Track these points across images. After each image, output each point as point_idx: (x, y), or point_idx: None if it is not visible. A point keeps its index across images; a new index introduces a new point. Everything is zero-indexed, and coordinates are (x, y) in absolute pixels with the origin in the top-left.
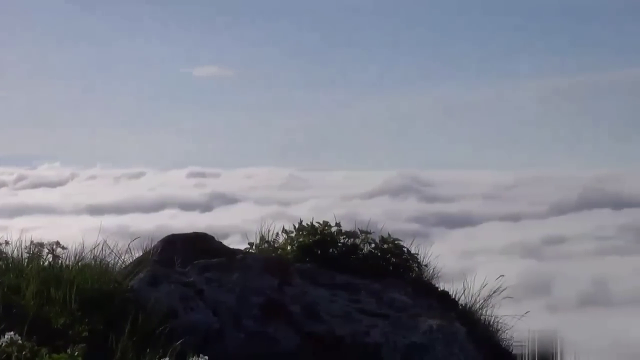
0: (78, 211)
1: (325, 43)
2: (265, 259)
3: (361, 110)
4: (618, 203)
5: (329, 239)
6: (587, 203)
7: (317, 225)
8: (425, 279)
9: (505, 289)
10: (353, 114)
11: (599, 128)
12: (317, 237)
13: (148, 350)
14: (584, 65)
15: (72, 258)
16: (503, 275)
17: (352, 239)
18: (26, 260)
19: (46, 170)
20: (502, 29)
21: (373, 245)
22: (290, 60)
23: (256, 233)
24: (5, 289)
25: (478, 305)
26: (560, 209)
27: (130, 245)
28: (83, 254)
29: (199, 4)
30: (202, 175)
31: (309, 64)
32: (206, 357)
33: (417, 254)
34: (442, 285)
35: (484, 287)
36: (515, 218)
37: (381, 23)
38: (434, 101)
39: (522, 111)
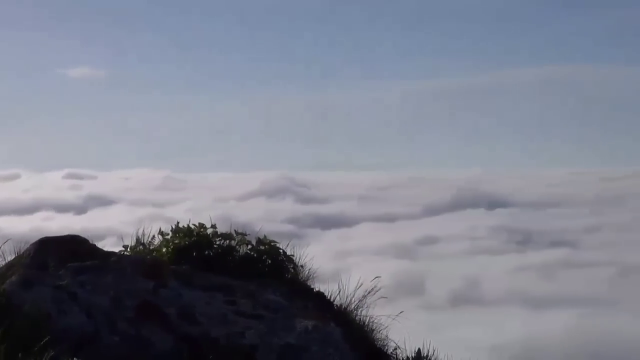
0: None
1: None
2: (141, 261)
3: (238, 112)
4: (491, 203)
5: (204, 240)
6: (460, 203)
7: (193, 227)
8: (301, 280)
9: (380, 289)
10: (229, 116)
11: (473, 129)
12: (193, 239)
13: (21, 355)
14: (461, 67)
15: None
16: (379, 277)
17: (228, 241)
18: None
19: None
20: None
21: (249, 246)
22: (164, 61)
23: (132, 235)
24: None
25: (353, 306)
26: (434, 210)
27: (2, 248)
28: None
29: (76, 5)
30: (78, 177)
31: (185, 66)
32: None
33: (293, 255)
34: (317, 286)
35: (359, 287)
36: (389, 219)
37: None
38: (308, 104)
39: (396, 112)
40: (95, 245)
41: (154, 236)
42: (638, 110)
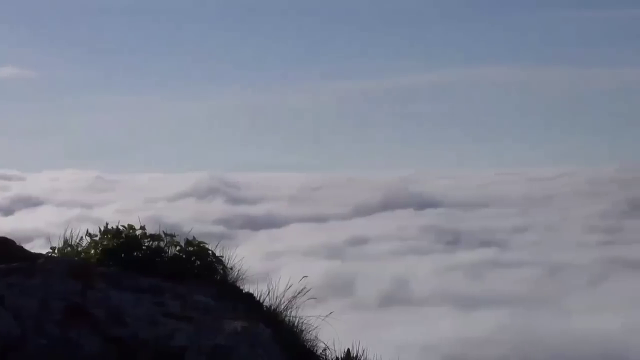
0: None
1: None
2: (68, 263)
3: (169, 112)
4: (421, 204)
5: (133, 242)
6: (390, 204)
7: (122, 228)
8: (231, 281)
9: (310, 289)
10: (160, 117)
11: (404, 130)
12: (122, 240)
13: None
14: (395, 68)
15: None
16: (306, 276)
17: (157, 242)
18: None
19: None
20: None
21: (178, 248)
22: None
23: (60, 237)
24: None
25: (283, 307)
26: (364, 210)
27: None
28: None
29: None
30: (5, 178)
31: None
32: None
33: (223, 257)
34: (247, 287)
35: (288, 288)
36: (320, 219)
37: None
38: (239, 104)
39: (327, 113)
40: (22, 247)
41: (82, 238)
42: (567, 111)
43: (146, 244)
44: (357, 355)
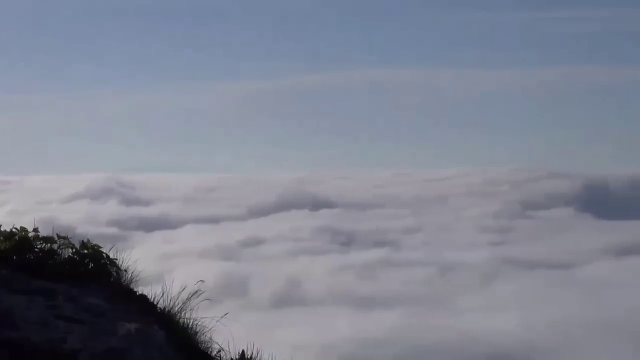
0: None
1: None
2: None
3: (63, 112)
4: (316, 204)
5: (26, 244)
6: (285, 205)
7: (14, 230)
8: (125, 283)
9: (205, 291)
10: (53, 117)
11: (300, 131)
12: (14, 242)
13: None
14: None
15: None
16: (203, 281)
17: (49, 244)
18: None
19: None
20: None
21: (72, 250)
22: None
23: None
24: None
25: (177, 309)
26: (259, 211)
27: None
28: None
29: None
30: None
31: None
32: None
33: (116, 259)
34: (141, 289)
35: (183, 289)
36: (214, 220)
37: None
38: (136, 105)
39: (222, 114)
40: None
41: None
42: (462, 112)
43: (39, 246)
44: (251, 356)
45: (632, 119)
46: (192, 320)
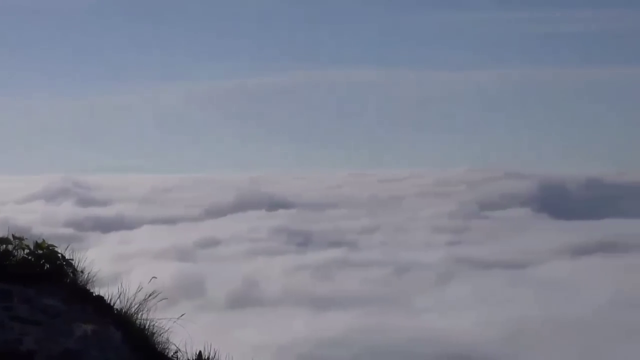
0: None
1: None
2: None
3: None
4: (272, 204)
5: None
6: (242, 205)
7: None
8: (81, 284)
9: (161, 292)
10: (6, 118)
11: (257, 131)
12: None
13: None
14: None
15: None
16: (155, 277)
17: (4, 246)
18: None
19: None
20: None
21: (27, 251)
22: None
23: None
24: None
25: (134, 310)
26: (216, 212)
27: None
28: None
29: None
30: None
31: None
32: None
33: (72, 260)
34: (97, 290)
35: (139, 290)
36: (171, 221)
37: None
38: (92, 105)
39: (179, 114)
40: None
41: None
42: (417, 113)
43: None
44: (209, 357)
45: (588, 119)
46: (149, 321)
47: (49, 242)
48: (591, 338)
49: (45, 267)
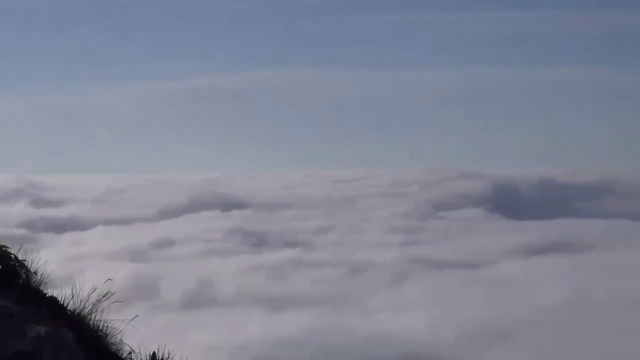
0: None
1: None
2: None
3: None
4: (227, 205)
5: None
6: (196, 206)
7: None
8: (34, 285)
9: (115, 292)
10: None
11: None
12: None
13: None
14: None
15: None
16: (111, 280)
17: None
18: None
19: None
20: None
21: None
22: None
23: None
24: None
25: (87, 311)
26: (170, 212)
27: None
28: None
29: None
30: None
31: None
32: None
33: (25, 261)
34: (50, 291)
35: (93, 291)
36: (125, 222)
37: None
38: (47, 105)
39: (132, 115)
40: None
41: None
42: (371, 114)
43: None
44: (163, 358)
45: (540, 119)
46: (102, 322)
47: (2, 243)
48: (544, 338)
49: None
